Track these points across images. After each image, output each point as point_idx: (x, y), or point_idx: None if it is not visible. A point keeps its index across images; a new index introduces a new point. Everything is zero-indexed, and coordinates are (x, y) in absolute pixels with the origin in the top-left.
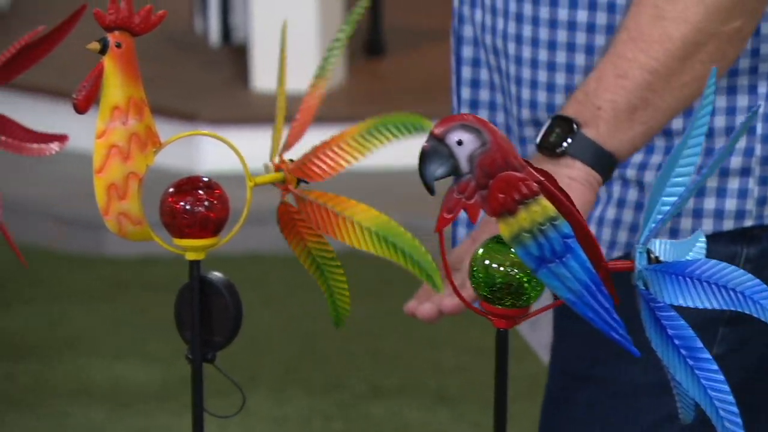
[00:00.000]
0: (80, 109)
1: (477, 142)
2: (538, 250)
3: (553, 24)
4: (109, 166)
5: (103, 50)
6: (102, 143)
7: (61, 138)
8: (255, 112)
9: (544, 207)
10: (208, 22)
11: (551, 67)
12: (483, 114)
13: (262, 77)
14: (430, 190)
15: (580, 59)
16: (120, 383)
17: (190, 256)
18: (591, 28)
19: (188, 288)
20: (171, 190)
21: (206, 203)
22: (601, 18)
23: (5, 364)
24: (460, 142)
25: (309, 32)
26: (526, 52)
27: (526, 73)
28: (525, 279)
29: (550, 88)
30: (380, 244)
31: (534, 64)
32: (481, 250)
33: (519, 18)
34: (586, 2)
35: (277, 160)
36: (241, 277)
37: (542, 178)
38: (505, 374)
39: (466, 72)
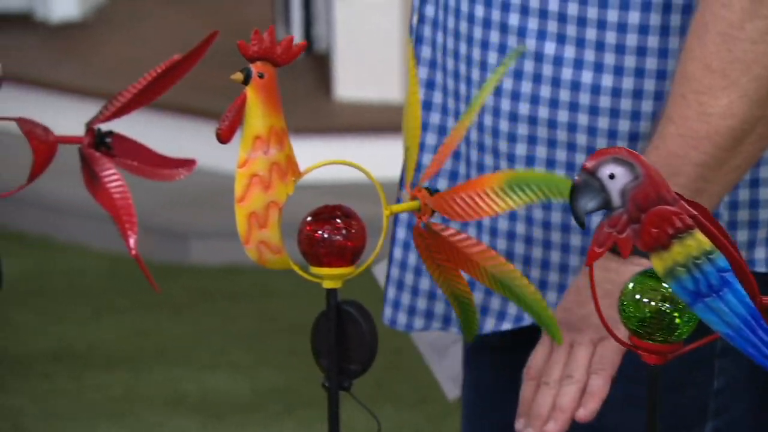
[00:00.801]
0: (223, 139)
1: (630, 175)
2: (693, 285)
3: (522, 32)
4: (251, 195)
5: (246, 80)
6: (244, 172)
7: (190, 163)
8: (338, 121)
9: (699, 241)
10: (291, 31)
11: (515, 96)
12: (435, 117)
13: (345, 86)
14: (582, 225)
15: (547, 70)
16: (210, 394)
17: (327, 284)
18: (561, 39)
19: (325, 316)
20: (309, 218)
21: (344, 232)
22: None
23: (97, 374)
24: (612, 176)
25: (393, 41)
26: (492, 58)
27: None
28: (677, 314)
29: (515, 96)
30: (504, 290)
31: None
32: (631, 284)
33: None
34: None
35: (412, 187)
36: (318, 287)
37: (696, 212)
38: (655, 410)
39: (422, 73)
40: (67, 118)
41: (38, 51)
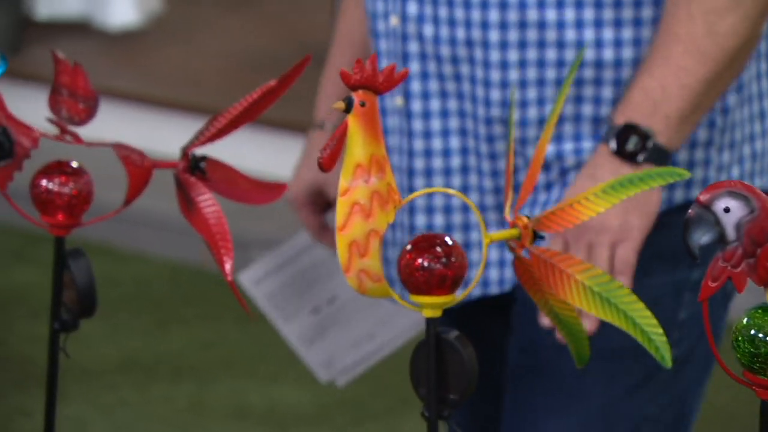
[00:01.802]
0: (325, 167)
1: (745, 209)
2: None
3: (522, 25)
4: (352, 223)
5: (348, 109)
6: (345, 201)
7: (280, 187)
8: None
9: None
10: None
11: (523, 64)
12: (436, 123)
13: None
14: (695, 258)
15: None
16: (276, 406)
17: (427, 313)
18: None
19: (424, 345)
20: (409, 247)
21: (444, 260)
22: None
23: (164, 385)
24: (727, 210)
25: None
26: (495, 55)
27: (495, 74)
28: None
29: (523, 84)
30: (603, 307)
31: (503, 65)
32: (745, 320)
33: (485, 25)
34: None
35: (511, 216)
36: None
37: None
38: None
39: (415, 86)
40: (126, 126)
41: (96, 58)
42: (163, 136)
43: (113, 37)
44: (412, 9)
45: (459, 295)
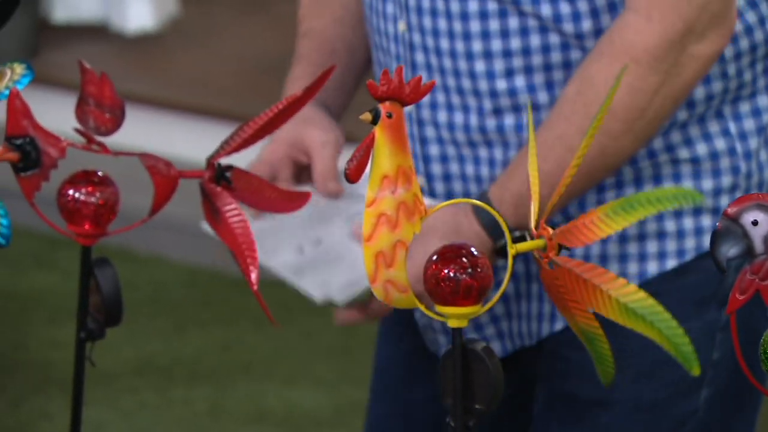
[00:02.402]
0: (352, 178)
1: None
2: None
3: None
4: (378, 234)
5: (375, 120)
6: (371, 212)
7: (305, 196)
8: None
9: None
10: None
11: (507, 53)
12: (442, 115)
13: None
14: (722, 270)
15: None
16: (293, 408)
17: (452, 323)
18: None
19: (450, 355)
20: (435, 257)
21: (470, 271)
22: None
23: (182, 389)
24: (755, 222)
25: None
26: (477, 46)
27: (480, 65)
28: None
29: (509, 73)
30: (636, 321)
31: (487, 54)
32: None
33: (464, 16)
34: None
35: (536, 227)
36: None
37: None
38: None
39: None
40: (142, 129)
41: (113, 62)
42: (179, 139)
43: (130, 41)
44: (414, 20)
45: (485, 306)
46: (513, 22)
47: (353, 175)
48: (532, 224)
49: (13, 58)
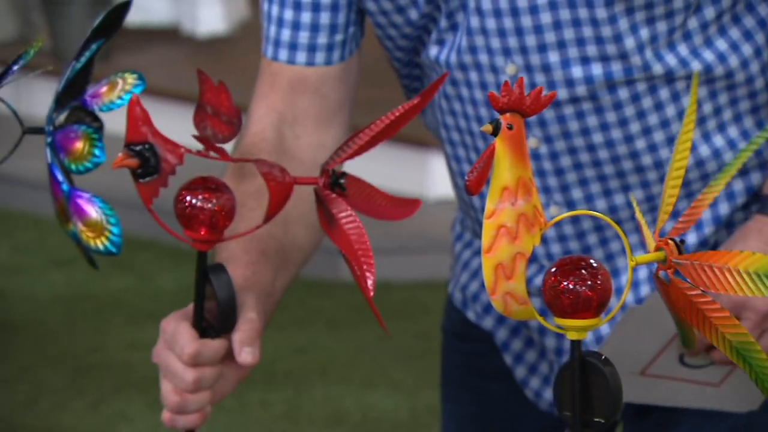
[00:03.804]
0: (472, 190)
1: None
2: None
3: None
4: (498, 246)
5: (495, 132)
6: (491, 223)
7: (416, 203)
8: None
9: None
10: None
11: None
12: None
13: None
14: None
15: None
16: (370, 412)
17: (572, 335)
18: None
19: (569, 367)
20: (554, 269)
21: (589, 283)
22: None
23: (260, 392)
24: None
25: None
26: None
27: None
28: None
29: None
30: (736, 359)
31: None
32: None
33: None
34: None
35: (657, 238)
36: None
37: None
38: None
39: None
40: None
41: (184, 65)
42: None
43: (201, 44)
44: (475, 23)
45: (604, 318)
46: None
47: (474, 186)
48: (657, 231)
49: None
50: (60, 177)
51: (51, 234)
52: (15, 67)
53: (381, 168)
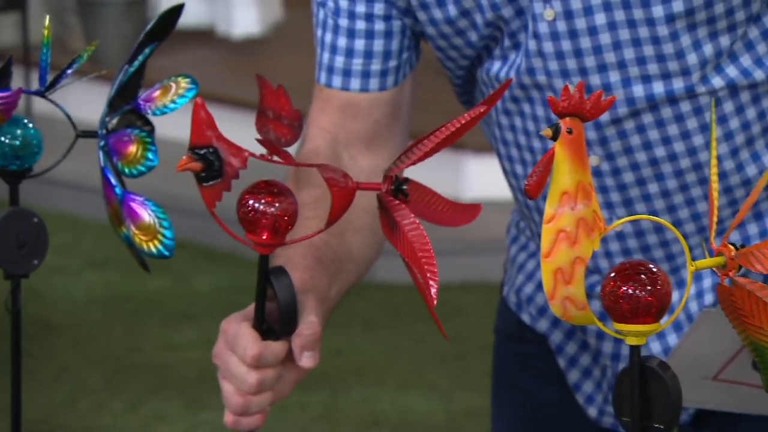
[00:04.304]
0: (531, 195)
1: None
2: None
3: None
4: (557, 250)
5: (555, 136)
6: (550, 228)
7: (476, 208)
8: None
9: None
10: None
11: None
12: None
13: None
14: None
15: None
16: (407, 414)
17: (631, 341)
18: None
19: (628, 372)
20: (613, 274)
21: (649, 288)
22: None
23: (297, 393)
24: None
25: None
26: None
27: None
28: None
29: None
30: None
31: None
32: None
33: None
34: None
35: (717, 243)
36: None
37: None
38: None
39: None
40: (248, 134)
41: (219, 66)
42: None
43: (235, 46)
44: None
45: (663, 323)
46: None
47: (533, 191)
48: (712, 239)
49: (120, 62)
50: (113, 181)
51: (87, 235)
52: (69, 71)
53: (415, 170)
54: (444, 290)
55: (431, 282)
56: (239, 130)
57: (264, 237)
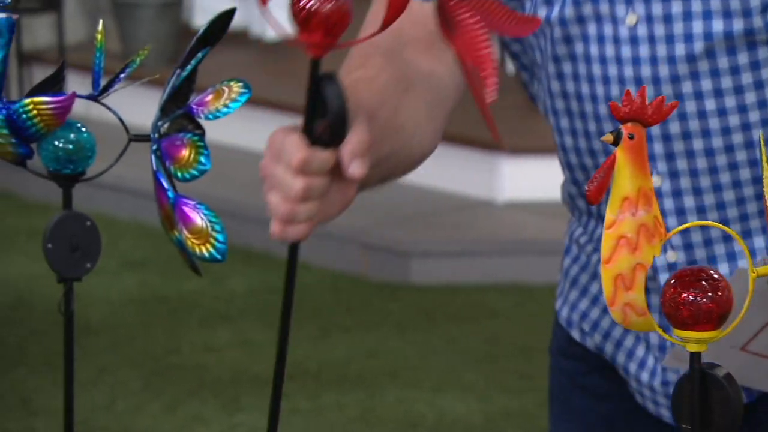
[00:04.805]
0: (593, 200)
1: None
2: None
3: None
4: (618, 256)
5: (616, 141)
6: (611, 234)
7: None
8: (553, 140)
9: None
10: (498, 48)
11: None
12: (564, 120)
13: None
14: None
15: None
16: (444, 415)
17: (691, 347)
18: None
19: (689, 379)
20: (673, 281)
21: (710, 295)
22: None
23: (334, 393)
24: None
25: None
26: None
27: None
28: None
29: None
30: None
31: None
32: None
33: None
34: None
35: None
36: (542, 308)
37: None
38: None
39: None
40: None
41: (252, 68)
42: None
43: (269, 48)
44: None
45: (724, 330)
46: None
47: (594, 196)
48: None
49: (155, 65)
50: (165, 184)
51: (124, 236)
52: (122, 76)
53: (450, 171)
54: (477, 291)
55: (490, 79)
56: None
57: (316, 37)
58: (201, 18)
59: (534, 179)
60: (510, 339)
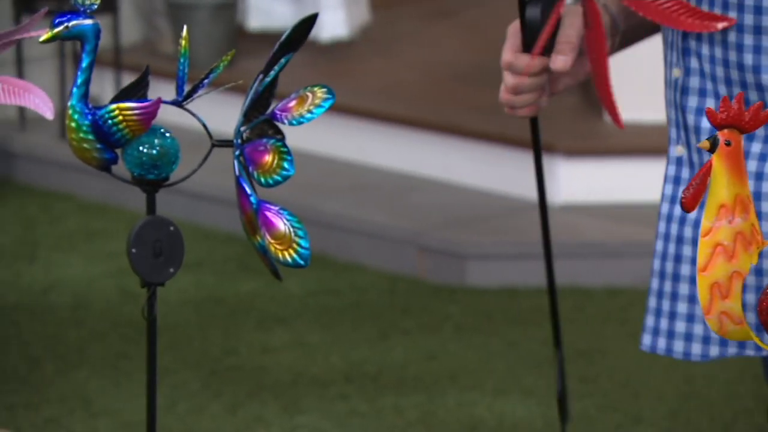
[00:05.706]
0: (688, 207)
1: None
2: None
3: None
4: (714, 264)
5: (713, 148)
6: (707, 242)
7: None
8: (609, 143)
9: None
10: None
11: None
12: (692, 100)
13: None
14: None
15: None
16: (505, 420)
17: None
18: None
19: None
20: None
21: None
22: None
23: (392, 397)
24: None
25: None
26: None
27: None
28: None
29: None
30: None
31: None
32: None
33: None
34: None
35: None
36: (601, 311)
37: None
38: None
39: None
40: (337, 137)
41: (306, 70)
42: (370, 146)
43: (322, 49)
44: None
45: None
46: None
47: (689, 204)
48: None
49: (209, 65)
50: (248, 190)
51: None
52: (205, 82)
53: (506, 173)
54: (535, 294)
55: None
56: (328, 132)
57: None
58: (255, 19)
59: (590, 181)
60: (569, 342)
